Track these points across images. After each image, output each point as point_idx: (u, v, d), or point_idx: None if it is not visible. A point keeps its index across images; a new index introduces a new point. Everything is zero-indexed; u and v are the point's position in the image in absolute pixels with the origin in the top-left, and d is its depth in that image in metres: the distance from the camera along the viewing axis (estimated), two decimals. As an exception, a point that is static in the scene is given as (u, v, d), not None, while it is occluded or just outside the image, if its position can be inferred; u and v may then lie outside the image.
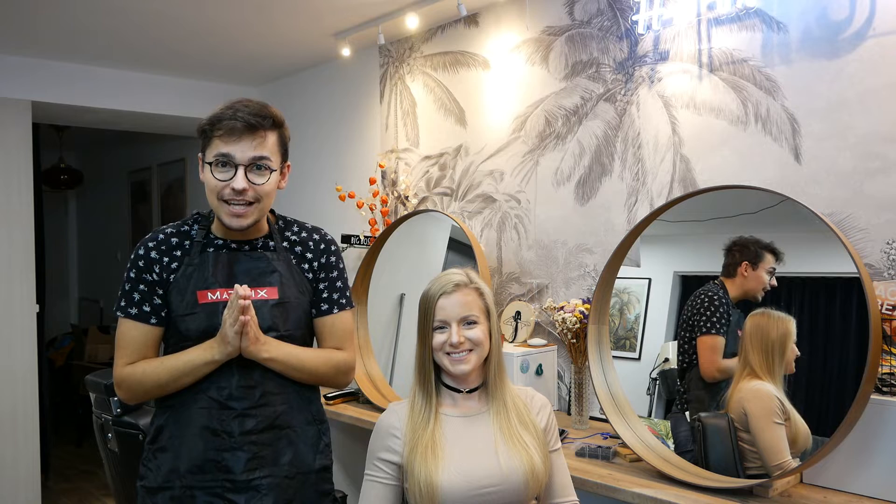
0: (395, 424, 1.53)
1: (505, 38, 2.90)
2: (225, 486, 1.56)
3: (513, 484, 1.47)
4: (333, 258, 1.73)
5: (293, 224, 1.73)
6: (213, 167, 1.55)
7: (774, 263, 1.96)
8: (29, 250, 3.77)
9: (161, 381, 1.56)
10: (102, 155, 6.91)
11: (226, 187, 1.54)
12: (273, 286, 1.61)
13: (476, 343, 1.50)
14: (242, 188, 1.54)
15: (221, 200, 1.56)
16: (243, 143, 1.53)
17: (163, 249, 1.61)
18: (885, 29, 1.90)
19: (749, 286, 1.99)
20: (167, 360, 1.58)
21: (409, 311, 3.03)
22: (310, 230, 1.73)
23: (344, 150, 3.79)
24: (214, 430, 1.57)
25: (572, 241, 2.67)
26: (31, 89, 3.72)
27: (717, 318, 2.04)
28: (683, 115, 2.33)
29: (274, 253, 1.65)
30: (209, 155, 1.56)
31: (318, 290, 1.70)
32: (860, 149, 1.95)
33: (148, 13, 3.03)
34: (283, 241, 1.68)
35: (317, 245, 1.71)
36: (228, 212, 1.56)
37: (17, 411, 3.69)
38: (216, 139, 1.54)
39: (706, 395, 2.06)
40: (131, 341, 1.60)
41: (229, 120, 1.53)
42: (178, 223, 1.67)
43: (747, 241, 2.00)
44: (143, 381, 1.58)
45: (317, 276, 1.70)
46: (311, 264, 1.69)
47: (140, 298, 1.60)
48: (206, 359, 1.54)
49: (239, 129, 1.53)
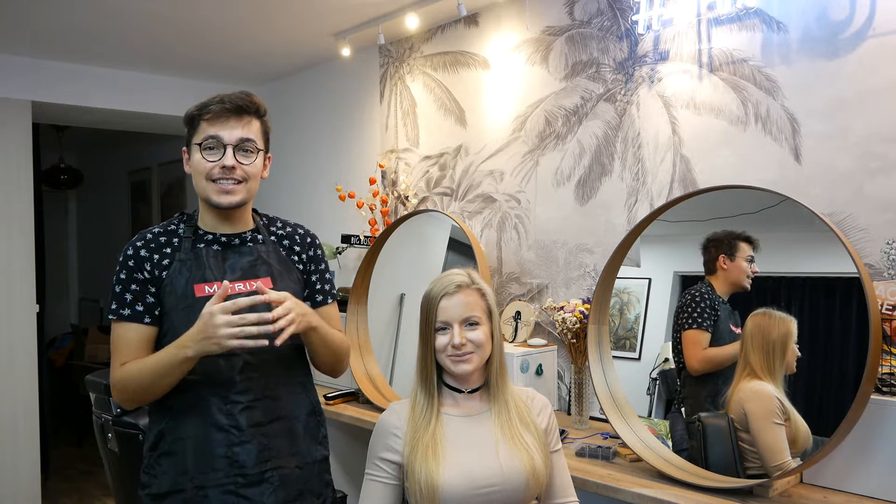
0: (395, 424, 1.53)
1: (505, 38, 2.90)
2: (238, 481, 1.56)
3: (513, 484, 1.47)
4: (319, 251, 1.80)
5: (276, 220, 1.78)
6: (201, 149, 1.59)
7: (751, 251, 1.99)
8: (29, 250, 3.76)
9: (144, 384, 1.54)
10: (102, 155, 6.91)
11: (215, 167, 1.59)
12: (265, 277, 1.65)
13: (478, 344, 1.50)
14: (232, 165, 1.59)
15: (210, 181, 1.60)
16: (231, 124, 1.59)
17: (152, 247, 1.62)
18: (885, 29, 1.90)
19: (732, 277, 2.02)
20: (147, 360, 1.54)
21: (409, 311, 3.03)
22: (293, 225, 1.80)
23: (344, 150, 3.79)
24: (222, 426, 1.57)
25: (572, 241, 2.67)
26: (31, 89, 3.72)
27: (699, 313, 2.07)
28: (683, 115, 2.33)
29: (263, 245, 1.69)
30: (197, 138, 1.60)
31: (311, 282, 1.75)
32: (860, 149, 1.95)
33: (148, 13, 3.03)
34: (270, 236, 1.73)
35: (303, 239, 1.77)
36: (217, 189, 1.60)
37: (17, 411, 3.69)
38: (204, 123, 1.60)
39: (700, 391, 2.07)
40: (125, 343, 1.58)
41: (217, 104, 1.59)
42: (164, 224, 1.69)
43: (719, 235, 2.04)
44: (128, 385, 1.55)
45: (307, 268, 1.75)
46: (299, 256, 1.74)
47: (132, 299, 1.59)
48: (181, 357, 1.49)
49: (226, 112, 1.59)
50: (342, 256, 3.57)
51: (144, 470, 1.63)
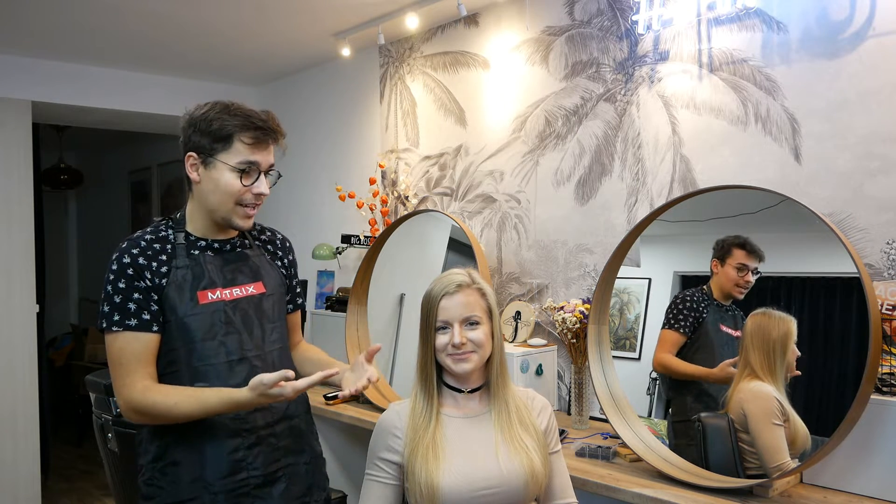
0: (396, 424, 1.53)
1: (505, 38, 2.90)
2: (251, 483, 1.58)
3: (512, 486, 1.47)
4: (294, 256, 1.85)
5: (256, 224, 1.78)
6: (241, 174, 1.57)
7: (746, 259, 1.97)
8: (29, 250, 3.76)
9: (178, 416, 1.51)
10: (102, 155, 6.91)
11: (247, 192, 1.59)
12: (258, 281, 1.68)
13: (478, 344, 1.50)
14: (266, 193, 1.61)
15: (238, 204, 1.60)
16: (267, 150, 1.61)
17: (149, 255, 1.58)
18: (885, 29, 1.90)
19: (721, 282, 2.03)
20: (198, 394, 1.51)
21: (409, 311, 3.03)
22: (270, 230, 1.83)
23: (344, 150, 3.79)
24: (234, 431, 1.57)
25: (572, 241, 2.67)
26: (31, 89, 3.72)
27: (675, 315, 2.09)
28: (683, 115, 2.33)
29: (252, 251, 1.72)
30: (233, 160, 1.56)
31: (291, 286, 1.81)
32: (860, 149, 1.95)
33: (148, 13, 3.03)
34: (255, 241, 1.76)
35: (283, 244, 1.82)
36: (244, 214, 1.61)
37: (17, 411, 3.69)
38: (242, 145, 1.56)
39: (677, 393, 2.10)
40: (134, 356, 1.53)
41: (259, 130, 1.57)
42: (152, 229, 1.65)
43: (725, 238, 2.03)
44: (156, 412, 1.51)
45: (288, 272, 1.81)
46: (282, 261, 1.80)
47: (137, 308, 1.54)
48: (234, 408, 1.51)
49: (266, 138, 1.59)
50: (342, 256, 3.57)
51: (147, 482, 1.59)
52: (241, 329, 1.61)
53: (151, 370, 1.55)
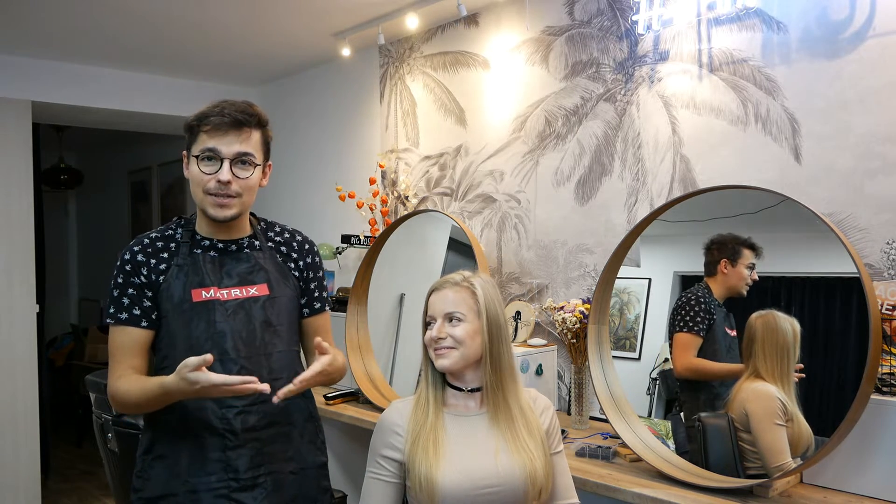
0: (397, 422, 1.53)
1: (505, 38, 2.90)
2: (231, 485, 1.57)
3: (513, 486, 1.47)
4: (317, 259, 1.80)
5: (275, 226, 1.78)
6: (199, 161, 1.59)
7: (754, 259, 1.98)
8: (29, 250, 3.76)
9: (139, 404, 1.55)
10: (102, 155, 6.91)
11: (211, 180, 1.58)
12: (262, 283, 1.66)
13: (458, 341, 1.50)
14: (227, 180, 1.58)
15: (206, 193, 1.60)
16: (229, 137, 1.58)
17: (149, 252, 1.63)
18: (885, 29, 1.90)
19: (730, 283, 2.02)
20: (141, 386, 1.54)
21: (409, 311, 3.03)
22: (291, 231, 1.80)
23: (344, 150, 3.78)
24: (217, 430, 1.57)
25: (572, 241, 2.67)
26: (31, 89, 3.72)
27: (692, 317, 2.07)
28: (683, 115, 2.33)
29: (260, 252, 1.70)
30: (195, 149, 1.60)
31: (309, 289, 1.76)
32: (860, 149, 1.95)
33: (148, 13, 3.03)
34: (268, 242, 1.73)
35: (300, 245, 1.77)
36: (213, 202, 1.60)
37: (17, 411, 3.69)
38: (203, 134, 1.58)
39: (691, 396, 2.07)
40: (120, 348, 1.59)
41: (216, 116, 1.57)
42: (161, 228, 1.70)
43: (725, 238, 2.02)
44: (126, 401, 1.56)
45: (304, 275, 1.76)
46: (296, 263, 1.75)
47: (129, 303, 1.60)
48: (166, 399, 1.50)
49: (225, 125, 1.57)
50: (342, 256, 3.57)
51: (137, 474, 1.63)
52: (235, 329, 1.60)
53: (135, 362, 1.59)
